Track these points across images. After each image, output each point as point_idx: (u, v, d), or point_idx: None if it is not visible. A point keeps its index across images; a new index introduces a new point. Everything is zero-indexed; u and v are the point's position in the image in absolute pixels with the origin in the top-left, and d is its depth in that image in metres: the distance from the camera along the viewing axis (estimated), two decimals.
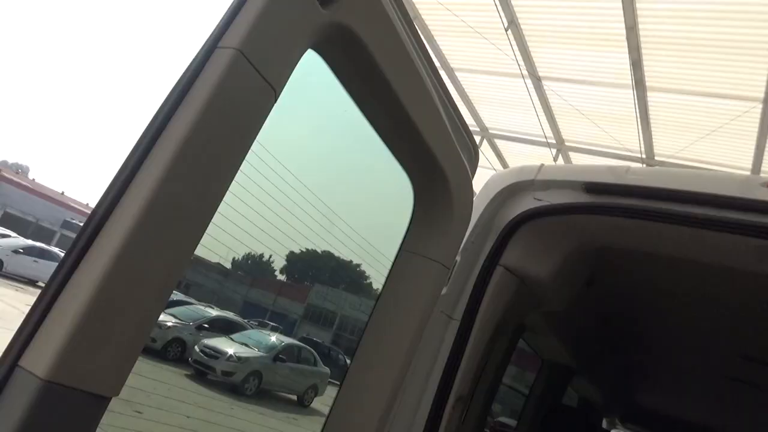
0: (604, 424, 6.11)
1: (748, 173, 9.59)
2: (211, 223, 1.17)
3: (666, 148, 10.48)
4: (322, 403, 16.37)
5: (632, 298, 3.31)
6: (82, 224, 1.05)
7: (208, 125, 1.07)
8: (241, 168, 1.24)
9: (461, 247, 2.04)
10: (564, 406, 4.08)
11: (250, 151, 1.24)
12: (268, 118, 1.26)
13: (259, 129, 1.22)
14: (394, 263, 1.88)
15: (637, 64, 8.76)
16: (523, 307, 2.50)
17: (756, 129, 9.00)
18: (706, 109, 9.16)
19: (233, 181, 1.21)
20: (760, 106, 8.54)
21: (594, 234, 2.27)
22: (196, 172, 1.07)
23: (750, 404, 4.90)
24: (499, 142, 13.12)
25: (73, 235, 1.07)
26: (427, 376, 1.99)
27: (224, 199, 1.20)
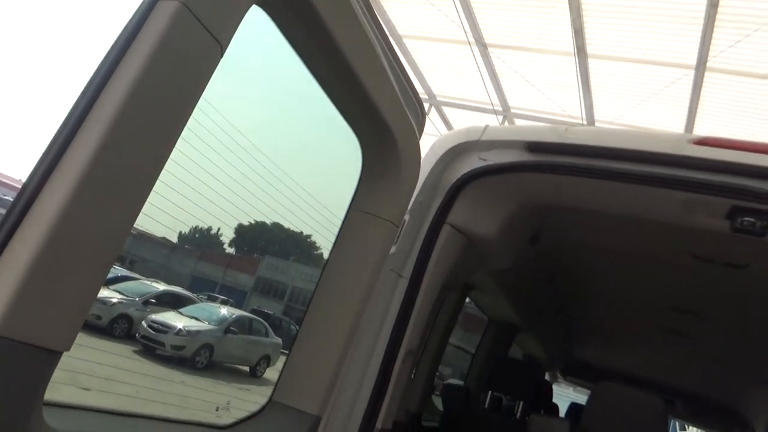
0: (547, 377, 6.42)
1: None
2: (156, 195, 1.15)
3: (606, 113, 10.83)
4: (276, 372, 16.46)
5: (573, 255, 3.46)
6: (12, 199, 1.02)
7: (150, 83, 1.05)
8: (186, 128, 1.22)
9: (409, 206, 2.08)
10: (509, 359, 4.27)
11: (195, 109, 1.22)
12: (214, 75, 1.24)
13: (205, 86, 1.20)
14: (343, 222, 1.91)
15: (579, 32, 8.96)
16: (470, 265, 2.59)
17: (689, 95, 9.41)
18: (643, 76, 9.50)
19: (178, 143, 1.19)
20: (693, 72, 8.92)
21: (536, 192, 2.36)
22: (140, 131, 1.05)
23: (681, 353, 5.26)
24: (446, 110, 13.22)
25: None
26: (378, 332, 2.05)
27: (170, 166, 1.18)
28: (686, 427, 14.91)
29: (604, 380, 2.51)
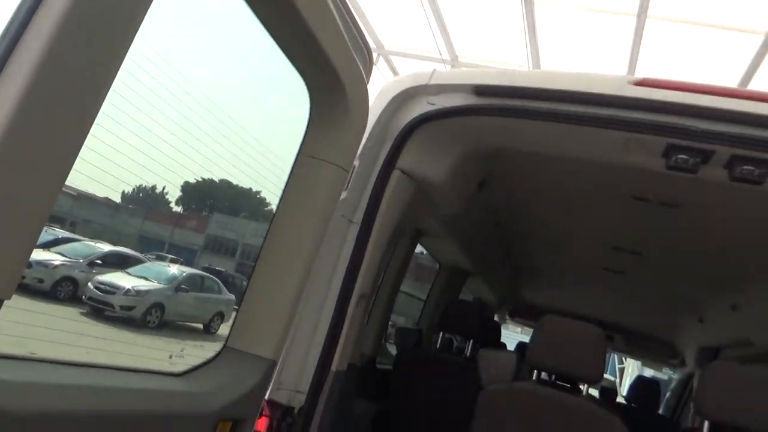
0: (496, 319, 6.68)
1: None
2: (96, 155, 1.10)
3: (552, 61, 10.94)
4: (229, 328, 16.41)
5: (519, 200, 3.55)
6: None
7: (78, 20, 0.98)
8: (126, 82, 1.16)
9: (359, 152, 2.08)
10: (459, 301, 4.41)
11: (137, 61, 1.16)
12: (149, 14, 1.17)
13: (139, 25, 1.14)
14: (292, 168, 1.89)
15: None
16: (420, 210, 2.62)
17: (631, 41, 9.61)
18: (588, 24, 9.60)
19: (118, 100, 1.13)
20: (635, 19, 9.08)
21: (484, 135, 2.40)
22: (64, 76, 0.99)
23: (620, 290, 5.55)
24: (395, 59, 13.05)
25: None
26: (330, 277, 2.07)
27: (109, 124, 1.12)
28: (624, 360, 15.91)
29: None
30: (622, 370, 16.56)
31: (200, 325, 16.77)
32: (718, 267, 3.95)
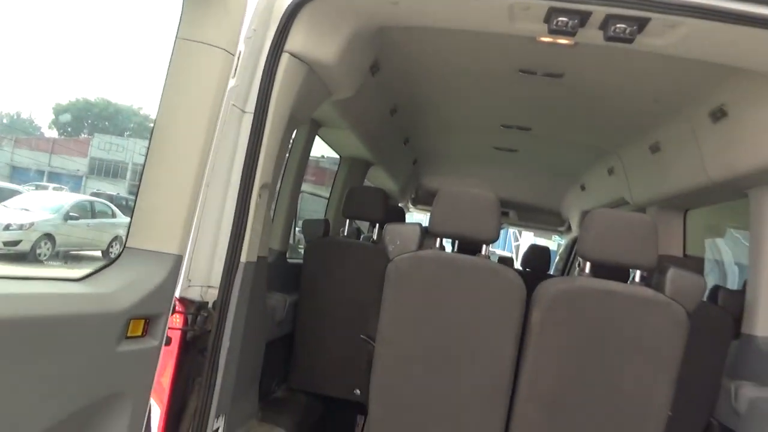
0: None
1: None
2: None
3: None
4: None
5: (412, 80, 3.57)
6: None
7: None
8: None
9: (244, 35, 1.97)
10: (363, 188, 4.50)
11: None
12: None
13: None
14: (172, 53, 1.76)
15: None
16: (314, 95, 2.57)
17: None
18: None
19: None
20: None
21: (374, 11, 2.33)
22: None
23: (511, 167, 5.88)
24: None
25: None
26: (230, 169, 2.01)
27: None
28: (518, 239, 17.22)
29: None
30: (517, 248, 17.95)
31: (99, 252, 16.02)
32: (597, 134, 4.26)
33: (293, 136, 2.96)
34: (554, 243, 10.46)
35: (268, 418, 2.67)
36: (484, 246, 2.39)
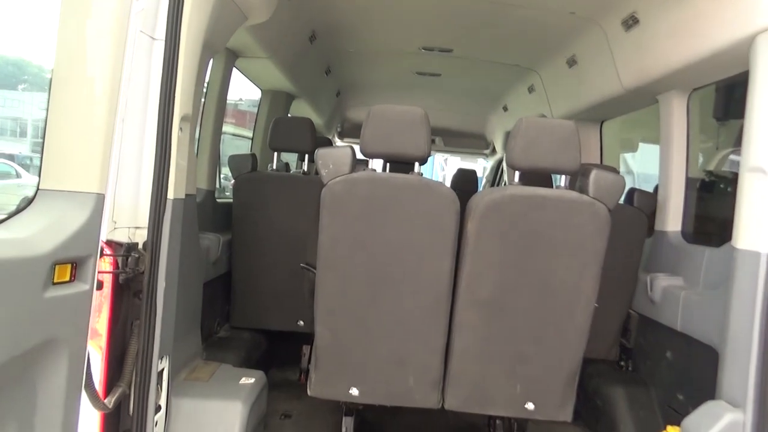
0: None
1: None
2: None
3: None
4: None
5: (329, 2, 3.43)
6: None
7: None
8: None
9: None
10: (288, 118, 4.38)
11: None
12: None
13: None
14: None
15: None
16: (228, 19, 2.42)
17: None
18: None
19: None
20: None
21: None
22: None
23: (436, 93, 5.88)
24: None
25: None
26: (145, 101, 1.89)
27: None
28: (444, 168, 17.53)
29: None
30: (444, 177, 18.30)
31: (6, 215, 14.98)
32: (517, 52, 4.30)
33: (210, 66, 2.80)
34: (480, 168, 10.73)
35: (213, 356, 2.66)
36: (416, 165, 2.40)
